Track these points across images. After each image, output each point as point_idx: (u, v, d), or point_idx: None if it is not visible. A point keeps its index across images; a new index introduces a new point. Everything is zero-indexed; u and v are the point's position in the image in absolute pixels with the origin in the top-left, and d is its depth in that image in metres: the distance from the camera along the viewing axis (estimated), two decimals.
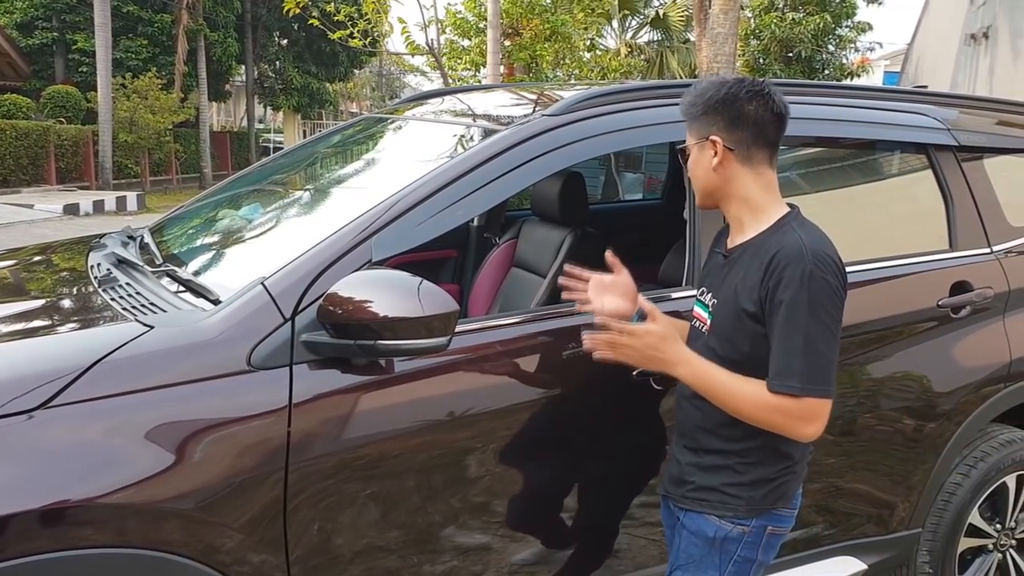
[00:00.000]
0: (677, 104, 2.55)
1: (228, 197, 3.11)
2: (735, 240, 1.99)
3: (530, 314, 2.42)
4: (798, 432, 1.85)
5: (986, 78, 15.04)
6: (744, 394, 1.85)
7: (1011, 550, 3.07)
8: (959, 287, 2.80)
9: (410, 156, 2.68)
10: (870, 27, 19.58)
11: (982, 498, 2.94)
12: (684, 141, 2.05)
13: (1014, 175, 3.12)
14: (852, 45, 19.87)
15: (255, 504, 1.92)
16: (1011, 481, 2.98)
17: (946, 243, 2.88)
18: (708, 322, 1.99)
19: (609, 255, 2.10)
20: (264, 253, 2.41)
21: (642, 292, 2.68)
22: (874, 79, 24.15)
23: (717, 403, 1.89)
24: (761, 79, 2.00)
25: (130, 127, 21.29)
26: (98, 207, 17.35)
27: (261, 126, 35.89)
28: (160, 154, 23.37)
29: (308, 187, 3.05)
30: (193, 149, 25.92)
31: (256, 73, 30.27)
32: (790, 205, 1.98)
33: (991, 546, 3.03)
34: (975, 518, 2.95)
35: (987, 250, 2.91)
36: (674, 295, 2.48)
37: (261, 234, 2.64)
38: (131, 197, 18.63)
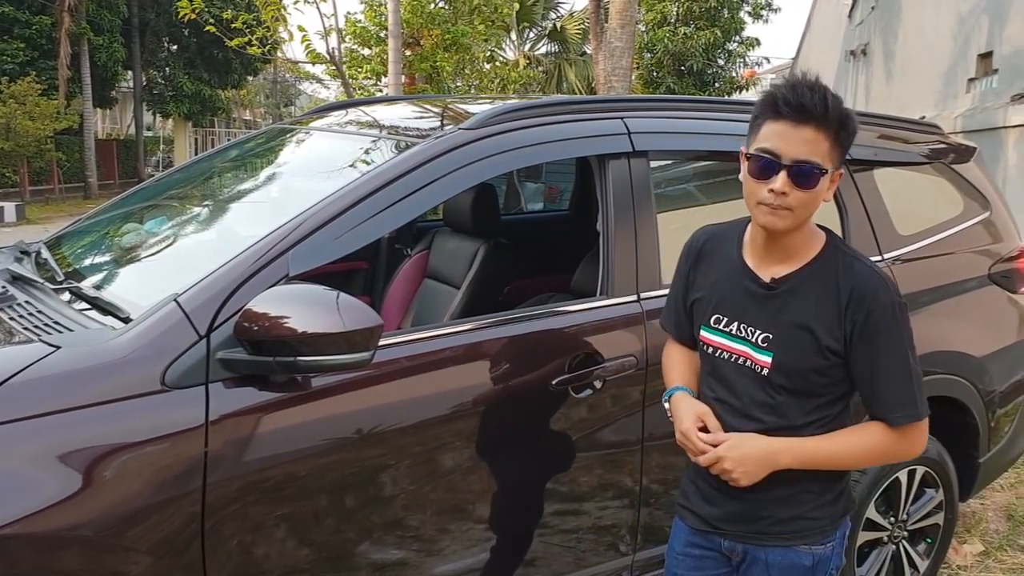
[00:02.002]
0: (591, 119, 2.64)
1: (131, 210, 3.01)
2: (775, 268, 1.84)
3: (450, 327, 2.42)
4: (914, 453, 1.86)
5: (864, 93, 15.83)
6: (859, 448, 1.82)
7: (904, 541, 3.23)
8: None
9: (324, 168, 2.65)
10: (758, 42, 20.35)
11: (877, 494, 3.08)
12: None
13: (898, 186, 3.30)
14: (741, 59, 20.59)
15: (169, 527, 1.87)
16: (903, 476, 3.13)
17: None
18: (766, 360, 1.81)
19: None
20: (175, 268, 2.35)
21: (553, 303, 2.75)
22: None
23: (833, 467, 1.83)
24: None
25: (7, 134, 20.26)
26: None
27: (150, 134, 34.67)
28: (41, 162, 22.31)
29: (218, 199, 2.97)
30: (77, 157, 24.85)
31: (144, 79, 29.24)
32: (822, 228, 1.87)
33: (886, 538, 3.18)
34: (872, 513, 3.08)
35: (879, 258, 3.06)
36: (588, 305, 2.54)
37: (171, 249, 2.55)
38: (8, 208, 17.74)
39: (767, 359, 1.81)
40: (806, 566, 1.89)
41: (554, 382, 2.35)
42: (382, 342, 2.03)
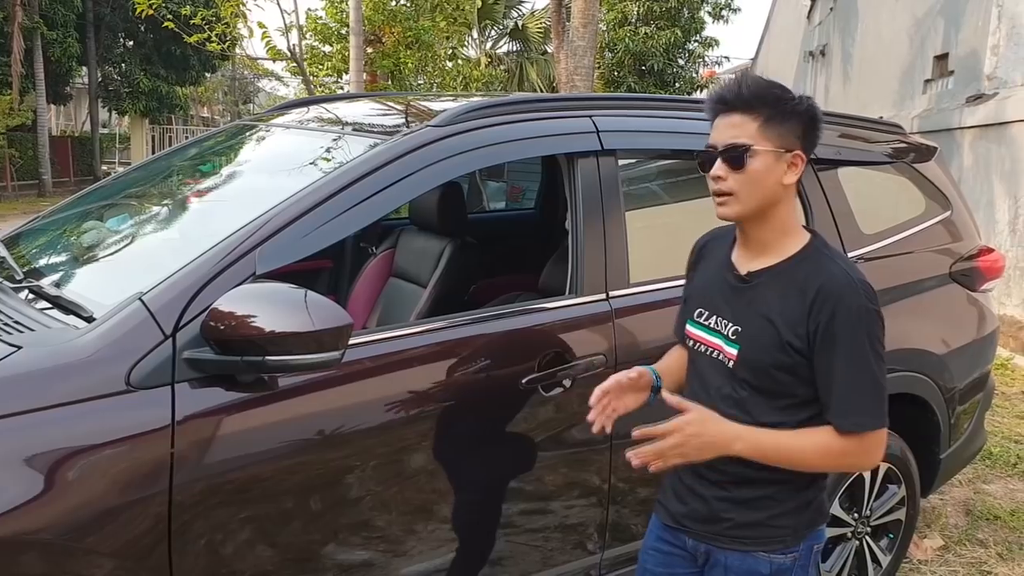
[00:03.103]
0: (560, 118, 2.63)
1: (92, 208, 2.94)
2: (752, 263, 1.85)
3: (419, 326, 2.40)
4: (866, 465, 1.83)
5: (823, 93, 16.05)
6: (810, 447, 1.76)
7: (867, 537, 3.27)
8: None
9: (290, 165, 2.61)
10: (717, 43, 20.51)
11: (842, 490, 3.12)
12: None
13: (862, 185, 3.34)
14: (701, 59, 20.74)
15: (134, 529, 1.84)
16: (867, 473, 3.17)
17: None
18: (733, 352, 1.83)
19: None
20: (139, 267, 2.31)
21: (521, 301, 2.74)
22: None
23: (780, 464, 1.77)
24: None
25: None
26: None
27: (105, 131, 34.03)
28: None
29: (182, 197, 2.91)
30: (31, 155, 24.29)
31: (100, 75, 28.70)
32: (808, 229, 1.89)
33: (849, 534, 3.22)
34: (836, 509, 3.12)
35: None
36: (557, 304, 2.53)
37: (134, 247, 2.51)
38: None
39: (734, 351, 1.82)
40: (763, 574, 1.86)
41: (524, 381, 2.35)
42: (350, 342, 2.00)
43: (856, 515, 3.21)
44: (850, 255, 3.10)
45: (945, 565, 3.76)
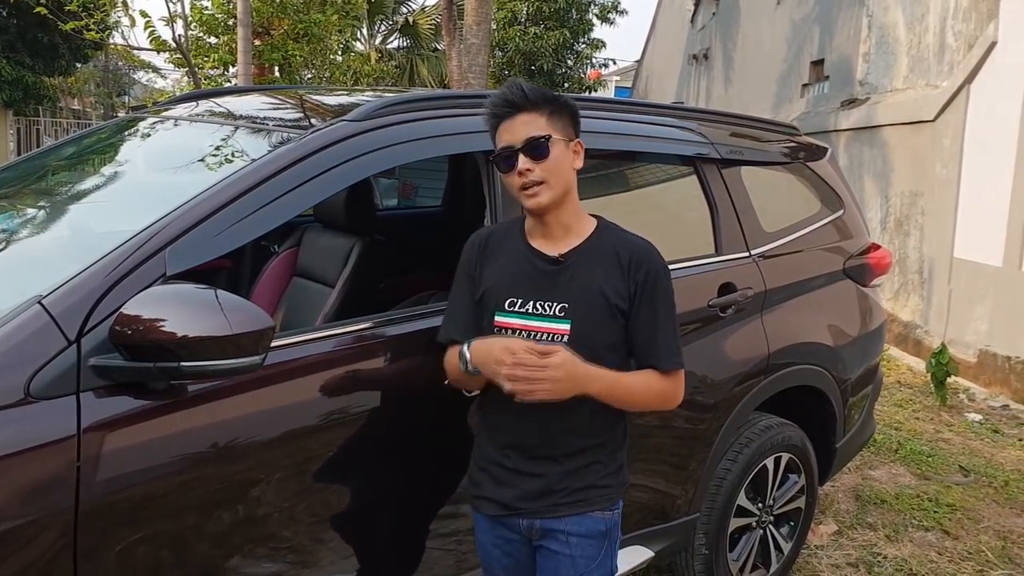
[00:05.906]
0: (481, 114, 2.60)
1: None
2: (560, 246, 2.04)
3: (339, 327, 2.32)
4: (677, 401, 2.09)
5: (705, 95, 16.54)
6: (643, 386, 2.02)
7: (770, 526, 3.38)
8: (725, 288, 3.04)
9: (195, 161, 2.49)
10: (603, 44, 20.85)
11: (747, 481, 3.20)
12: (491, 149, 2.06)
13: (763, 185, 3.43)
14: (589, 61, 21.04)
15: (35, 551, 1.70)
16: (770, 463, 3.27)
17: (712, 248, 3.12)
18: (565, 328, 1.97)
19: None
20: (35, 269, 2.15)
21: (436, 301, 2.69)
22: (607, 93, 25.71)
23: (623, 404, 2.04)
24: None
25: None
26: None
27: None
28: None
29: (79, 191, 2.73)
30: None
31: None
32: (593, 215, 2.13)
33: (754, 524, 3.31)
34: (742, 499, 3.21)
35: (746, 254, 3.18)
36: None
37: (25, 247, 2.33)
38: None
39: (565, 327, 1.97)
40: (600, 531, 2.07)
41: (446, 382, 2.30)
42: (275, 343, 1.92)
43: (760, 505, 3.31)
44: (753, 252, 3.19)
45: (840, 549, 3.92)
